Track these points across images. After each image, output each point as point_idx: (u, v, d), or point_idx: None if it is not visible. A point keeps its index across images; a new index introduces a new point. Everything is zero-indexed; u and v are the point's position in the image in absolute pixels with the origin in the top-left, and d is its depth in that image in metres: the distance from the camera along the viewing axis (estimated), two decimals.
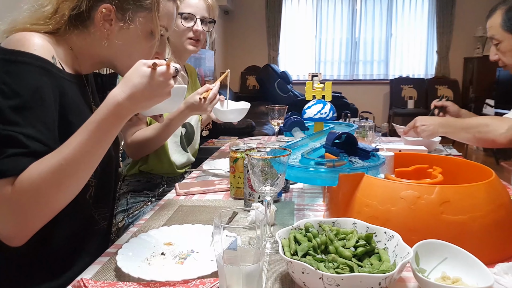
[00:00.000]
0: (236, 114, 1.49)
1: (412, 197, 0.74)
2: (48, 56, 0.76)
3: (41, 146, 0.70)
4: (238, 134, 3.19)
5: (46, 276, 0.82)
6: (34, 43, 0.75)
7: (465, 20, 5.83)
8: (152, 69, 0.75)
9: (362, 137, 1.47)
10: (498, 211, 0.74)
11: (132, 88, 0.73)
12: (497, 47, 1.44)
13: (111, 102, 0.72)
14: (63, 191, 0.71)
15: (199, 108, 1.27)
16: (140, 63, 0.76)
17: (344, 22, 6.13)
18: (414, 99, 5.90)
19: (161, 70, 0.75)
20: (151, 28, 0.87)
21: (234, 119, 1.51)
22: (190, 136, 1.56)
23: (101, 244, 0.96)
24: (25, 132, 0.68)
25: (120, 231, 1.38)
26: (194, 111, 1.29)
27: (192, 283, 0.64)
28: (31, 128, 0.69)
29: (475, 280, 0.61)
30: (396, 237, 0.67)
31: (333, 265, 0.63)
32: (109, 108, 0.72)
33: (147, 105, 0.77)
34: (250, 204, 1.00)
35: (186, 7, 1.42)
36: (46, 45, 0.77)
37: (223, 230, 0.56)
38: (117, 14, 0.83)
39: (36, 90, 0.71)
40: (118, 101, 0.72)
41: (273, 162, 0.74)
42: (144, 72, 0.74)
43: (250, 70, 6.23)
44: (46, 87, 0.73)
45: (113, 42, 0.84)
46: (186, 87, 0.98)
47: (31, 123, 0.70)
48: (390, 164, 1.02)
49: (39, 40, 0.76)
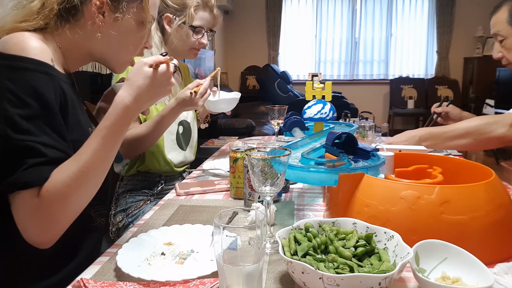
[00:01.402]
0: (227, 104, 1.49)
1: (412, 197, 0.74)
2: (48, 59, 0.76)
3: (57, 152, 0.72)
4: (238, 134, 3.18)
5: (44, 273, 0.82)
6: (33, 47, 0.74)
7: (465, 20, 5.83)
8: (154, 69, 0.77)
9: (362, 137, 1.47)
10: (498, 211, 0.74)
11: (137, 90, 0.76)
12: (502, 44, 1.42)
13: (120, 106, 0.75)
14: (85, 194, 0.76)
15: (190, 103, 1.26)
16: (141, 62, 0.77)
17: (344, 22, 6.13)
18: (414, 99, 5.90)
19: (162, 70, 0.78)
20: (143, 18, 0.88)
21: (226, 109, 1.51)
22: (187, 133, 1.55)
23: (99, 241, 0.96)
24: (41, 140, 0.70)
25: (120, 230, 1.38)
26: (186, 107, 1.27)
27: (192, 283, 0.64)
28: (46, 136, 0.71)
29: (475, 280, 0.61)
30: (396, 237, 0.67)
31: (333, 265, 0.63)
32: (118, 112, 0.75)
33: (151, 103, 0.81)
34: (250, 204, 1.00)
35: (200, 20, 1.43)
36: (45, 48, 0.77)
37: (223, 230, 0.56)
38: (111, 5, 0.83)
39: (43, 97, 0.72)
40: (127, 105, 0.75)
41: (273, 162, 0.74)
42: (147, 73, 0.77)
43: (250, 70, 6.24)
44: (50, 92, 0.73)
45: (107, 34, 0.85)
46: None
47: (44, 131, 0.71)
48: (390, 164, 1.02)
49: (37, 43, 0.76)
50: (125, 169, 1.43)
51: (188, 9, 1.40)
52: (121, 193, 1.44)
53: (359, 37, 6.15)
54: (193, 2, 1.41)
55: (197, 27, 1.43)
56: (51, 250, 0.81)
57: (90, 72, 2.14)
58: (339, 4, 6.10)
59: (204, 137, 2.37)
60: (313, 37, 6.20)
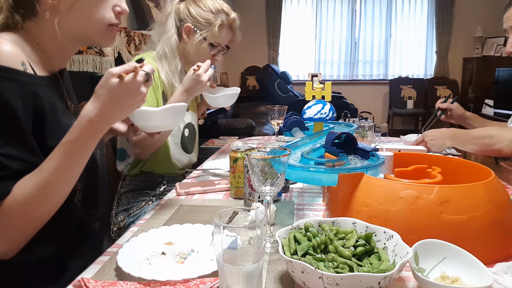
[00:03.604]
0: (226, 99, 1.49)
1: (411, 197, 0.74)
2: (17, 63, 0.73)
3: (21, 164, 0.71)
4: (238, 134, 3.19)
5: (42, 281, 0.82)
6: (1, 52, 0.71)
7: (464, 20, 5.83)
8: (120, 80, 0.73)
9: (361, 137, 1.48)
10: (497, 210, 0.74)
11: (102, 103, 0.73)
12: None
13: (84, 120, 0.72)
14: (47, 207, 0.74)
15: (196, 82, 1.25)
16: (108, 73, 0.73)
17: (344, 22, 6.13)
18: (414, 99, 5.91)
19: (128, 80, 0.73)
20: None
21: (225, 104, 1.51)
22: (192, 137, 1.56)
23: (96, 246, 0.96)
24: (4, 152, 0.69)
25: (121, 230, 1.38)
26: (193, 88, 1.26)
27: (192, 283, 0.64)
28: (10, 148, 0.70)
29: (475, 279, 0.62)
30: (395, 236, 0.67)
31: (332, 265, 0.63)
32: (82, 126, 0.72)
33: (122, 115, 0.77)
34: (250, 204, 1.00)
35: (220, 39, 1.41)
36: (15, 51, 0.74)
37: (223, 230, 0.57)
38: None
39: (6, 106, 0.70)
40: (91, 118, 0.72)
41: (273, 162, 0.74)
42: (112, 85, 0.73)
43: (250, 70, 6.24)
44: (16, 100, 0.71)
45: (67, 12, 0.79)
46: (186, 105, 0.98)
47: (8, 142, 0.70)
48: (390, 164, 1.02)
49: (6, 46, 0.73)
50: (127, 168, 1.43)
51: (212, 27, 1.38)
52: (123, 192, 1.44)
53: (359, 38, 6.16)
54: (217, 21, 1.38)
55: (216, 45, 1.42)
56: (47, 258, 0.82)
57: (90, 72, 2.14)
58: (339, 4, 6.10)
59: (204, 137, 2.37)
60: (313, 37, 6.20)
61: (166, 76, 1.38)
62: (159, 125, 0.97)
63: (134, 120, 0.96)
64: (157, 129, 0.99)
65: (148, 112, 0.93)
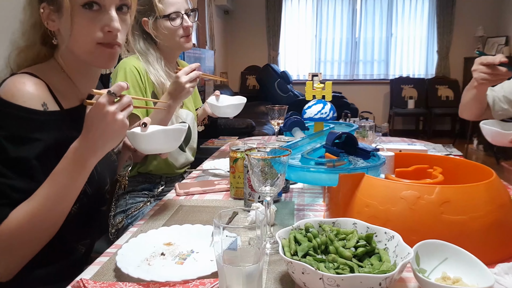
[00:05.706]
0: (232, 109, 1.48)
1: (412, 197, 0.74)
2: (38, 104, 0.77)
3: (24, 196, 0.75)
4: (238, 134, 3.18)
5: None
6: (23, 94, 0.76)
7: (465, 20, 5.83)
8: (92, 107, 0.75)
9: (362, 137, 1.47)
10: (499, 211, 0.74)
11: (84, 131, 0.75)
12: None
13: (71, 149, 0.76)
14: (41, 234, 0.77)
15: (176, 85, 1.23)
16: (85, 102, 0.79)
17: (344, 22, 6.13)
18: (415, 99, 5.90)
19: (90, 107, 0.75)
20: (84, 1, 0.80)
21: (231, 114, 1.51)
22: (188, 135, 1.55)
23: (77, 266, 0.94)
24: (12, 184, 0.74)
25: (119, 231, 1.38)
26: (175, 92, 1.24)
27: (192, 284, 0.64)
28: (18, 180, 0.74)
29: (476, 280, 0.61)
30: (396, 237, 0.67)
31: (333, 266, 0.62)
32: (68, 155, 0.76)
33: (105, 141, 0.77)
34: (250, 204, 1.00)
35: (169, 7, 1.38)
36: (36, 92, 0.78)
37: (223, 230, 0.56)
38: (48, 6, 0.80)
39: (21, 142, 0.74)
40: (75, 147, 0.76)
41: (273, 162, 0.73)
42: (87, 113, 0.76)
43: (250, 70, 6.24)
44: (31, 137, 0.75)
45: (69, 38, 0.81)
46: (185, 128, 0.95)
47: (20, 175, 0.74)
48: (390, 164, 1.02)
49: (29, 87, 0.77)
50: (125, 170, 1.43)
51: (153, 3, 1.36)
52: (121, 194, 1.44)
53: (359, 37, 6.15)
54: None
55: (171, 14, 1.38)
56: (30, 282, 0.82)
57: None
58: (339, 4, 6.09)
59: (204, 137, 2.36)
60: (313, 37, 6.20)
61: (154, 76, 1.37)
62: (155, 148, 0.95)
63: (131, 143, 0.97)
64: (155, 151, 0.99)
65: (138, 135, 0.91)
